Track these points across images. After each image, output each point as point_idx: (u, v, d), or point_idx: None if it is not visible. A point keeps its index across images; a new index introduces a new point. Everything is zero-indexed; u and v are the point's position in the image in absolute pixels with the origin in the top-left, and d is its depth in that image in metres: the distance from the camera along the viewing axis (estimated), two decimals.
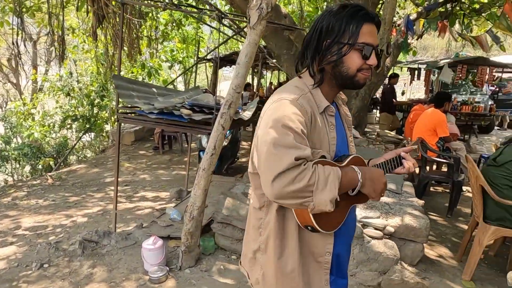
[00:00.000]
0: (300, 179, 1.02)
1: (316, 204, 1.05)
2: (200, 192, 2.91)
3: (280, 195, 1.03)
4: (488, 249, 3.67)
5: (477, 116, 8.68)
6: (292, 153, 1.03)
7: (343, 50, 1.15)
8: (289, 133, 1.06)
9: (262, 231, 1.25)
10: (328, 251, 1.23)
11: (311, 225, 1.13)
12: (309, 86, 1.21)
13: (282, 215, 1.20)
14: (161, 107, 3.10)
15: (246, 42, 2.74)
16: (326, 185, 1.05)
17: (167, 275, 2.94)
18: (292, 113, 1.09)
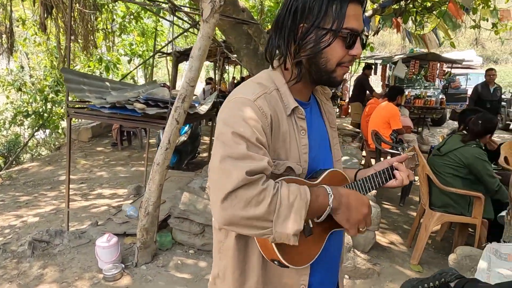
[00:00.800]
0: (257, 202, 0.81)
1: (276, 238, 0.84)
2: (155, 187, 2.88)
3: (231, 221, 0.82)
4: (435, 235, 3.89)
5: (429, 110, 9.11)
6: (243, 167, 0.82)
7: (325, 39, 0.92)
8: (241, 142, 0.85)
9: (221, 256, 1.04)
10: (303, 283, 1.02)
11: (277, 259, 0.91)
12: (277, 82, 0.99)
13: (244, 242, 0.99)
14: (113, 101, 3.02)
15: (199, 35, 2.72)
16: (290, 214, 0.83)
17: (122, 272, 2.89)
18: (246, 117, 0.88)
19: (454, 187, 3.06)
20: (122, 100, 3.05)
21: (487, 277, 2.23)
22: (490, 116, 3.15)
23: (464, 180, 3.08)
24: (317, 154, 1.04)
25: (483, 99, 6.91)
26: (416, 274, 3.09)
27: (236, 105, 0.91)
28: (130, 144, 8.03)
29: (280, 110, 0.96)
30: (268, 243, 0.90)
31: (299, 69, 0.97)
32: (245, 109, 0.89)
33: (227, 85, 16.13)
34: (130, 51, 12.54)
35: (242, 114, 0.89)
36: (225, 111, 0.93)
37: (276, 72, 1.02)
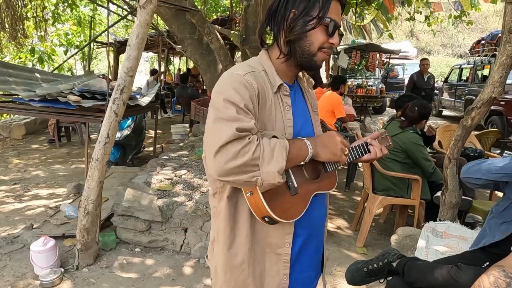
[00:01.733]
0: (244, 152, 0.94)
1: (264, 178, 0.96)
2: (95, 184, 2.71)
3: (224, 171, 0.95)
4: (378, 217, 4.07)
5: (371, 98, 9.52)
6: (233, 125, 0.95)
7: (311, 23, 1.07)
8: (231, 107, 0.98)
9: (215, 219, 1.16)
10: (287, 241, 1.12)
11: (267, 215, 1.03)
12: (264, 64, 1.13)
13: (234, 202, 1.10)
14: (43, 93, 2.79)
15: (136, 22, 2.58)
16: (273, 157, 0.97)
17: (62, 277, 2.70)
18: (236, 87, 1.02)
19: (394, 171, 3.20)
20: (54, 92, 2.82)
21: (425, 254, 2.36)
22: (424, 102, 3.32)
23: (402, 165, 3.23)
24: (300, 132, 1.15)
25: (418, 87, 7.33)
26: (361, 256, 3.20)
27: (227, 78, 1.05)
28: (69, 140, 7.55)
29: (267, 88, 1.09)
30: (258, 200, 1.02)
31: (289, 48, 1.11)
32: (235, 81, 1.03)
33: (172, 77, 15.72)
34: (66, 42, 11.77)
35: (233, 85, 1.02)
36: (218, 83, 1.06)
37: (263, 55, 1.17)
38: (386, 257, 1.88)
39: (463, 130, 2.53)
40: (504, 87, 2.35)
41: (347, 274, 1.94)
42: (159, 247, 3.19)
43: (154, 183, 3.35)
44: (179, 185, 3.40)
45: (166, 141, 6.57)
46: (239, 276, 1.12)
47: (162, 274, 2.85)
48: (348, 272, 1.94)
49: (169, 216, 3.11)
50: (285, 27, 1.09)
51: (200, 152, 4.22)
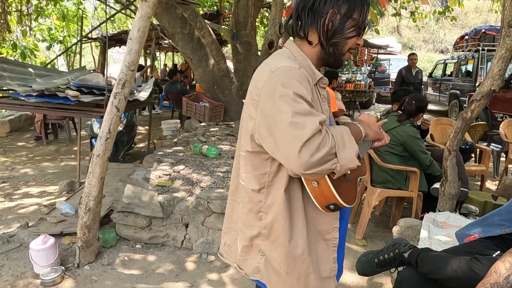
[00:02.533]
0: (324, 144, 0.98)
1: (343, 164, 1.00)
2: (96, 180, 2.66)
3: (310, 164, 0.97)
4: (374, 210, 4.13)
5: (359, 93, 9.62)
6: (314, 119, 0.98)
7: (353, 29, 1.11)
8: (302, 101, 1.00)
9: (262, 215, 1.16)
10: (335, 226, 1.18)
11: (334, 201, 1.08)
12: (299, 58, 1.14)
13: (288, 195, 1.13)
14: (41, 88, 2.72)
15: (137, 15, 2.54)
16: (345, 143, 1.02)
17: (63, 275, 2.65)
18: (300, 81, 1.03)
19: (392, 164, 3.25)
20: (52, 87, 2.75)
21: (429, 244, 2.40)
22: (421, 96, 3.38)
23: (400, 157, 3.28)
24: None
25: (406, 82, 7.43)
26: (361, 248, 3.25)
27: (287, 72, 1.04)
28: (57, 137, 7.39)
29: (310, 80, 1.11)
30: (325, 189, 1.06)
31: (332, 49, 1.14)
32: (297, 75, 1.04)
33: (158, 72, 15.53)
34: (49, 37, 11.48)
35: (296, 78, 1.03)
36: (278, 77, 1.04)
37: (294, 48, 1.17)
38: (397, 247, 1.90)
39: (463, 123, 2.58)
40: (503, 80, 2.40)
41: (358, 266, 1.96)
42: (160, 243, 3.16)
43: (153, 179, 3.32)
44: (178, 181, 3.38)
45: (158, 137, 6.50)
46: (302, 265, 1.14)
47: (165, 270, 2.83)
48: (359, 264, 1.96)
49: (170, 212, 3.08)
50: (325, 28, 1.11)
51: (196, 147, 4.20)
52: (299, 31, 1.15)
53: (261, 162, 1.13)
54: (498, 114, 8.21)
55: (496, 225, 1.89)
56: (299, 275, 1.15)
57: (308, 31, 1.14)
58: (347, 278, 2.77)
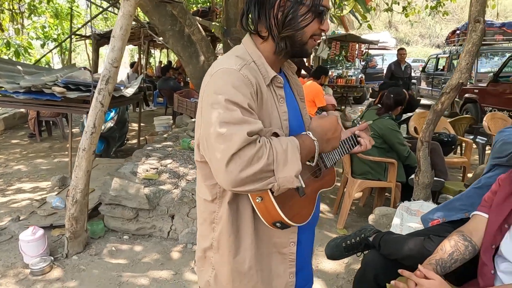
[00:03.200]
0: (258, 158, 0.87)
1: (281, 183, 0.89)
2: (82, 173, 2.76)
3: (239, 181, 0.87)
4: (358, 201, 4.24)
5: (351, 88, 9.72)
6: (243, 129, 0.87)
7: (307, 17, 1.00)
8: (235, 108, 0.90)
9: (215, 226, 1.07)
10: (292, 241, 1.10)
11: (280, 220, 0.96)
12: (253, 55, 1.04)
13: (235, 207, 1.04)
14: (28, 85, 2.81)
15: (120, 14, 2.63)
16: (287, 159, 0.90)
17: (52, 264, 2.76)
18: (236, 85, 0.93)
19: (371, 156, 3.36)
20: (39, 84, 2.85)
21: (400, 231, 2.52)
22: (399, 90, 3.48)
23: (379, 149, 3.39)
24: (292, 122, 1.10)
25: (396, 76, 7.54)
26: None
27: (224, 75, 0.95)
28: (50, 134, 7.48)
29: (260, 80, 1.01)
30: (269, 206, 0.95)
31: (285, 43, 1.03)
32: (233, 78, 0.94)
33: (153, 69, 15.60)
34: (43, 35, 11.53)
35: (232, 82, 0.93)
36: (214, 81, 0.96)
37: (249, 44, 1.07)
38: (363, 232, 2.01)
39: (434, 114, 2.69)
40: (470, 73, 2.51)
41: (327, 250, 2.07)
42: (147, 234, 3.27)
43: (140, 173, 3.42)
44: (165, 174, 3.48)
45: (150, 133, 6.60)
46: (248, 282, 1.07)
47: (150, 259, 2.94)
48: (327, 248, 2.07)
49: (156, 204, 3.19)
50: (276, 20, 1.01)
51: (185, 142, 4.30)
52: (250, 25, 1.07)
53: (211, 172, 0.99)
54: (488, 108, 8.32)
55: (457, 210, 2.00)
56: None
57: (257, 25, 1.05)
58: (325, 265, 2.89)
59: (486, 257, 1.45)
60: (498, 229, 1.43)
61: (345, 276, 2.77)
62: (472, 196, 1.97)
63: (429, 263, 1.44)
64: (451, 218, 2.00)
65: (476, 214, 1.55)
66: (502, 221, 1.42)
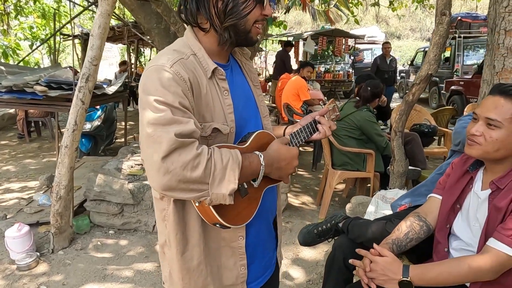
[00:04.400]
0: (193, 167, 0.84)
1: (213, 199, 0.88)
2: (65, 170, 2.83)
3: (169, 186, 0.85)
4: (342, 193, 4.34)
5: (338, 83, 9.81)
6: (171, 131, 0.84)
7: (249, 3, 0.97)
8: (165, 108, 0.87)
9: (166, 223, 1.05)
10: (240, 235, 1.08)
11: (219, 222, 0.95)
12: (193, 47, 1.01)
13: (181, 205, 1.02)
14: (9, 84, 2.86)
15: (98, 13, 2.69)
16: (224, 176, 0.88)
17: (38, 260, 2.82)
18: (165, 84, 0.89)
19: (350, 147, 3.45)
20: (20, 83, 2.90)
21: (374, 218, 2.61)
22: (376, 82, 3.57)
23: (358, 141, 3.48)
24: (244, 113, 1.07)
25: (381, 70, 7.64)
26: None
27: (153, 73, 0.92)
28: (40, 135, 7.50)
29: (200, 74, 0.98)
30: (207, 209, 0.93)
31: (228, 33, 1.00)
32: (163, 76, 0.91)
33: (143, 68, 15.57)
34: (31, 35, 11.49)
35: (161, 81, 0.90)
36: (144, 81, 0.94)
37: (191, 37, 1.04)
38: (333, 219, 2.10)
39: (406, 105, 2.78)
40: (439, 65, 2.60)
41: (300, 236, 2.15)
42: (132, 228, 3.34)
43: (124, 169, 3.48)
44: None
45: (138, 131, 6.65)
46: (198, 278, 1.07)
47: (135, 252, 3.01)
48: (300, 234, 2.15)
49: (141, 199, 3.26)
50: (217, 10, 0.98)
51: None
52: (188, 17, 1.03)
53: None
54: (473, 100, 8.45)
55: (423, 195, 2.10)
56: (196, 287, 1.08)
57: (197, 17, 1.01)
58: (305, 254, 2.98)
59: (440, 236, 1.54)
60: (450, 209, 1.52)
61: (323, 263, 2.86)
62: (435, 181, 2.06)
63: (385, 243, 1.52)
64: (416, 203, 2.10)
65: (431, 196, 1.64)
66: (454, 202, 1.51)
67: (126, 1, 5.73)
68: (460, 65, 10.29)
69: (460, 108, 8.58)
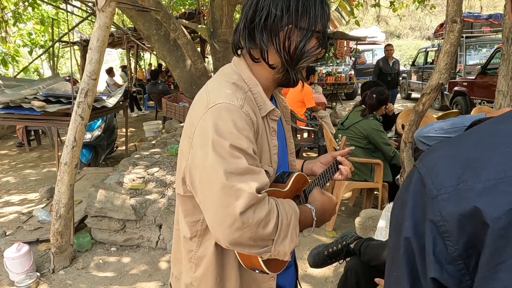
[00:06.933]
0: (265, 224, 0.81)
1: (274, 254, 0.85)
2: (65, 188, 2.74)
3: (238, 241, 0.81)
4: (348, 201, 4.25)
5: (340, 85, 9.73)
6: (251, 185, 0.79)
7: (315, 44, 0.93)
8: (240, 155, 0.81)
9: (193, 266, 1.00)
10: (272, 276, 1.04)
11: (260, 269, 0.94)
12: (249, 82, 0.94)
13: (221, 250, 0.97)
14: (5, 100, 2.78)
15: (96, 26, 2.60)
16: (288, 232, 0.85)
17: (38, 281, 2.74)
18: (240, 127, 0.83)
19: (357, 157, 3.36)
20: (17, 99, 2.81)
21: (385, 234, 2.52)
22: (381, 89, 3.48)
23: (365, 150, 3.39)
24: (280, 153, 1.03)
25: (384, 73, 7.54)
26: (331, 239, 3.36)
27: (225, 113, 0.84)
28: (40, 143, 7.43)
29: (257, 113, 0.91)
30: (253, 257, 0.91)
31: (300, 73, 0.97)
32: (236, 118, 0.84)
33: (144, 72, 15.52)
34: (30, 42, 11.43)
35: (235, 123, 0.83)
36: (213, 119, 0.84)
37: (245, 69, 0.96)
38: (344, 239, 2.01)
39: (416, 115, 2.69)
40: (450, 73, 2.51)
41: (310, 258, 2.07)
42: (135, 244, 3.26)
43: (126, 183, 3.40)
44: (152, 183, 3.46)
45: (139, 139, 6.57)
46: None
47: (138, 270, 2.92)
48: (310, 256, 2.07)
49: (143, 214, 3.17)
50: (286, 49, 0.91)
51: (172, 148, 4.28)
52: (252, 53, 0.95)
53: (194, 208, 0.95)
54: (477, 100, 8.35)
55: None
56: None
57: (267, 53, 0.92)
58: (314, 270, 2.87)
59: None
60: None
61: (333, 280, 2.77)
62: None
63: None
64: None
65: None
66: None
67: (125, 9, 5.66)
68: (462, 66, 10.19)
69: (464, 109, 8.48)
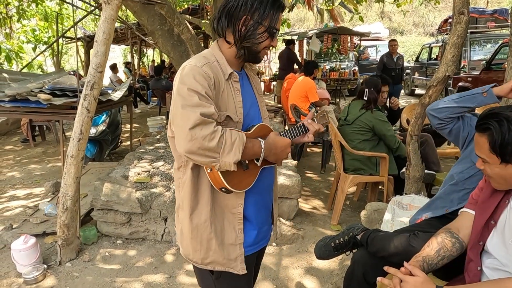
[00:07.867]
0: (210, 139, 1.14)
1: (222, 165, 1.18)
2: (71, 180, 2.75)
3: (191, 150, 1.14)
4: (352, 196, 4.24)
5: (344, 81, 9.69)
6: (197, 111, 1.15)
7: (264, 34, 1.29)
8: (194, 94, 1.18)
9: (180, 189, 1.36)
10: (239, 203, 1.36)
11: (224, 187, 1.26)
12: (217, 56, 1.33)
13: (197, 173, 1.31)
14: (12, 93, 2.78)
15: (102, 18, 2.60)
16: (232, 149, 1.17)
17: (45, 273, 2.75)
18: (197, 78, 1.21)
19: (363, 151, 3.35)
20: (24, 92, 2.82)
21: (391, 226, 2.52)
22: (373, 79, 3.50)
23: (369, 142, 3.38)
24: (249, 112, 1.39)
25: (388, 68, 7.51)
26: (336, 233, 3.35)
27: (189, 70, 1.23)
28: (44, 139, 7.45)
29: (220, 76, 1.29)
30: (216, 175, 1.24)
31: (244, 51, 1.32)
32: (196, 73, 1.22)
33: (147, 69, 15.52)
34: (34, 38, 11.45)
35: (194, 75, 1.22)
36: (182, 75, 1.24)
37: (215, 48, 1.36)
38: (351, 231, 2.01)
39: (422, 108, 2.68)
40: (456, 66, 2.49)
41: (316, 250, 2.06)
42: (141, 238, 3.27)
43: (131, 176, 3.40)
44: (157, 177, 3.47)
45: (143, 134, 6.58)
46: (204, 232, 1.34)
47: (144, 263, 2.94)
48: (316, 248, 2.06)
49: (149, 207, 3.18)
50: (238, 33, 1.29)
51: None
52: (218, 31, 1.33)
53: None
54: None
55: (439, 208, 2.01)
56: (201, 240, 1.35)
57: (225, 32, 1.32)
58: (319, 262, 2.88)
59: (473, 253, 1.44)
60: (484, 225, 1.42)
61: (339, 272, 2.77)
62: (450, 193, 1.99)
63: (416, 260, 1.43)
64: (434, 215, 2.01)
65: (463, 211, 1.54)
66: (488, 218, 1.41)
67: (129, 3, 5.65)
68: (467, 61, 10.13)
69: None
